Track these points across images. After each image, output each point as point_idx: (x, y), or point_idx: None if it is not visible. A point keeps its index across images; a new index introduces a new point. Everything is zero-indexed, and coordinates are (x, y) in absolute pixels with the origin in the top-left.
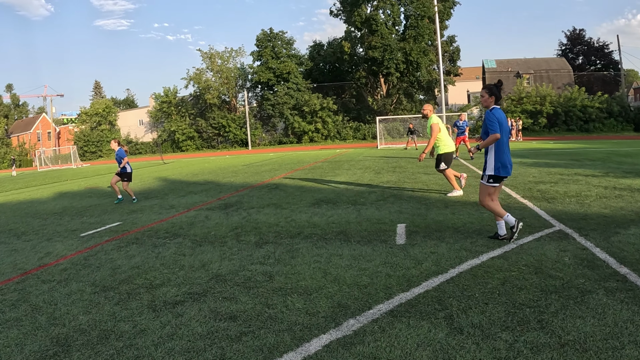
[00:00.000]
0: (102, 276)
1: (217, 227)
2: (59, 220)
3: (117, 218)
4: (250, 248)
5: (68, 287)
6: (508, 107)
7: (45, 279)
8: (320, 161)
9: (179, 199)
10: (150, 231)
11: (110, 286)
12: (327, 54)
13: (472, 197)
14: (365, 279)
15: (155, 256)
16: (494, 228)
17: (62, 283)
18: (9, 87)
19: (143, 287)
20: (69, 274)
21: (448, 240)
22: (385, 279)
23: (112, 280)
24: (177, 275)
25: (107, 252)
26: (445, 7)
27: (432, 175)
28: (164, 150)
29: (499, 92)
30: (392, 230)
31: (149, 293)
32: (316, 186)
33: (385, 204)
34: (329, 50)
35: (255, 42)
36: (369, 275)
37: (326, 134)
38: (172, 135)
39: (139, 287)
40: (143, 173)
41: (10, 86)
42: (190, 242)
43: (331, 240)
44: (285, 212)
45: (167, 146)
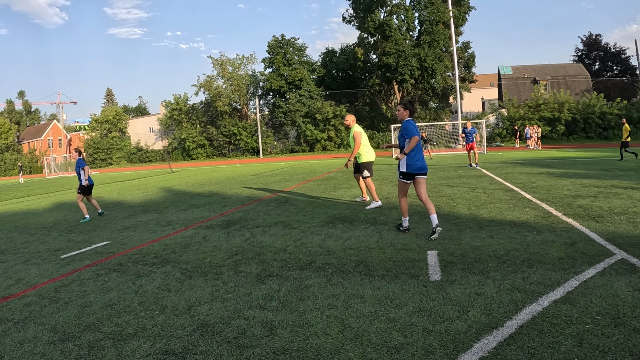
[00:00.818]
0: (66, 317)
1: (214, 252)
2: (45, 237)
3: (106, 236)
4: (250, 283)
5: (24, 331)
6: (525, 114)
7: (3, 317)
8: (333, 171)
9: (178, 214)
10: (138, 254)
11: (72, 334)
12: (339, 60)
13: (507, 216)
14: (396, 337)
15: (135, 291)
16: (544, 257)
17: (18, 325)
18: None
19: (111, 337)
20: (31, 311)
21: (493, 275)
22: (422, 337)
23: (77, 324)
24: (155, 322)
25: (82, 282)
26: (460, 12)
27: (456, 188)
28: (175, 158)
29: (412, 107)
30: (422, 259)
31: (115, 348)
32: (330, 200)
33: (410, 223)
34: (342, 57)
35: (267, 48)
36: (400, 329)
37: (339, 142)
38: (182, 143)
39: (106, 337)
40: (149, 182)
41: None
42: (179, 271)
43: (349, 274)
44: (294, 233)
45: (178, 154)
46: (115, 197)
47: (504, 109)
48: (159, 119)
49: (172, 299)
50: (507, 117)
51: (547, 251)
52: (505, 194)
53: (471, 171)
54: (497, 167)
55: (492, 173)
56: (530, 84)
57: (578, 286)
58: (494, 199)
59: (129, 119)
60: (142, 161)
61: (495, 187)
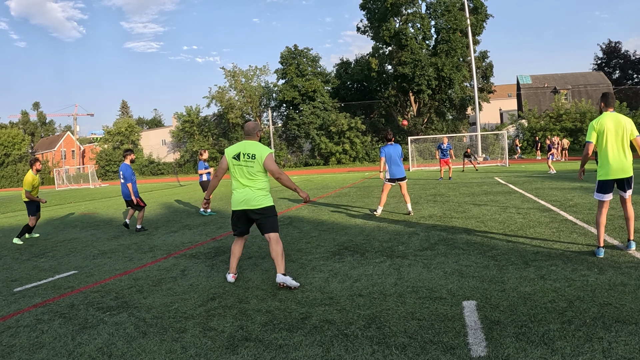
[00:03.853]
0: None
1: (186, 295)
2: (12, 261)
3: (76, 263)
4: (217, 351)
5: None
6: (546, 124)
7: None
8: (347, 186)
9: (166, 237)
10: (98, 292)
11: None
12: (354, 71)
13: (554, 246)
14: None
15: (69, 352)
16: (620, 312)
17: None
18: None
19: None
20: None
21: (561, 345)
22: None
23: None
24: None
25: (16, 332)
26: (477, 20)
27: (485, 207)
28: (186, 171)
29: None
30: (457, 315)
31: None
32: (340, 222)
33: (435, 255)
34: (357, 68)
35: (280, 59)
36: None
37: (354, 156)
38: (194, 155)
39: None
40: (152, 197)
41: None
42: (134, 324)
43: (356, 342)
44: (291, 269)
45: (190, 167)
46: (111, 214)
47: (524, 120)
48: (171, 131)
49: None
50: (527, 128)
51: (621, 301)
52: (543, 215)
53: (497, 187)
54: (524, 181)
55: (521, 188)
56: (550, 94)
57: None
58: (531, 221)
59: (142, 131)
60: (154, 174)
61: (529, 206)
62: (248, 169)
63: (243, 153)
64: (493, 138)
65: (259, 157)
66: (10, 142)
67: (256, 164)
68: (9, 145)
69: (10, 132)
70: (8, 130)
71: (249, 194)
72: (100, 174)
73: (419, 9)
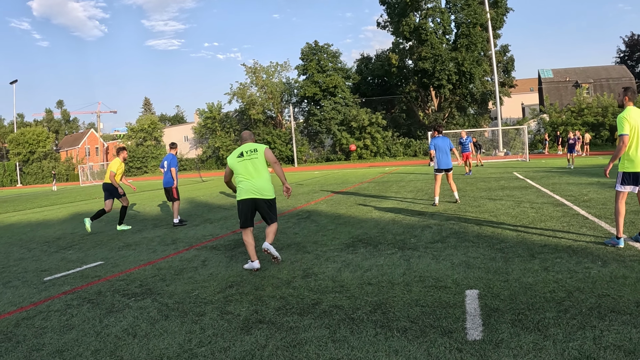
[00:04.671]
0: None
1: (206, 283)
2: (41, 254)
3: (102, 255)
4: (232, 332)
5: None
6: (568, 119)
7: None
8: (366, 181)
9: (187, 230)
10: (123, 281)
11: None
12: (374, 67)
13: (562, 239)
14: None
15: (97, 332)
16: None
17: None
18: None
19: None
20: None
21: (554, 332)
22: None
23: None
24: None
25: (48, 316)
26: (497, 13)
27: (499, 202)
28: (209, 166)
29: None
30: (458, 303)
31: None
32: (356, 216)
33: (445, 248)
34: (377, 64)
35: (300, 55)
36: None
37: (375, 151)
38: (216, 151)
39: None
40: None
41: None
42: (157, 308)
43: (361, 325)
44: (306, 260)
45: (212, 162)
46: (135, 208)
47: (545, 114)
48: (193, 128)
49: (133, 348)
50: (549, 122)
51: (619, 292)
52: (556, 210)
53: (514, 182)
54: (542, 176)
55: (538, 183)
56: (572, 88)
57: None
58: (543, 215)
59: (165, 128)
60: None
61: (544, 201)
62: (253, 161)
63: (245, 151)
64: (514, 133)
65: (260, 150)
66: (35, 140)
67: (259, 155)
68: (34, 143)
69: (35, 130)
70: (33, 129)
71: (259, 183)
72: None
73: (439, 4)
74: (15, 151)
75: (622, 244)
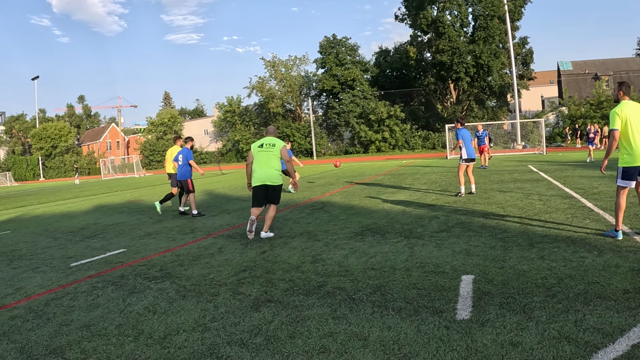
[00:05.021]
0: (40, 336)
1: (221, 267)
2: (66, 242)
3: (125, 243)
4: (243, 309)
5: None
6: (587, 112)
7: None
8: (382, 174)
9: (205, 220)
10: (144, 266)
11: (35, 356)
12: (393, 60)
13: (564, 230)
14: None
15: (120, 310)
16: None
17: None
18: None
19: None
20: (12, 325)
21: (538, 314)
22: None
23: (46, 346)
24: (122, 351)
25: (75, 297)
26: (515, 5)
27: (509, 194)
28: (229, 160)
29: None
30: (453, 287)
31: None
32: (368, 207)
33: (449, 237)
34: (395, 56)
35: (319, 49)
36: None
37: (394, 144)
38: (236, 144)
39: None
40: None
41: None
42: (175, 289)
43: (360, 304)
44: (316, 247)
45: (232, 156)
46: (155, 200)
47: (564, 107)
48: (213, 121)
49: (153, 323)
50: (567, 115)
51: (609, 280)
52: (563, 202)
53: (528, 174)
54: (556, 169)
55: (550, 176)
56: (591, 80)
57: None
58: (550, 207)
59: (185, 122)
60: (197, 162)
61: (553, 194)
62: (268, 154)
63: (266, 144)
64: (532, 126)
65: (277, 146)
66: (57, 135)
67: (275, 150)
68: (56, 138)
69: (57, 125)
70: (55, 123)
71: (269, 172)
72: (145, 164)
73: None
74: (37, 146)
75: (620, 236)
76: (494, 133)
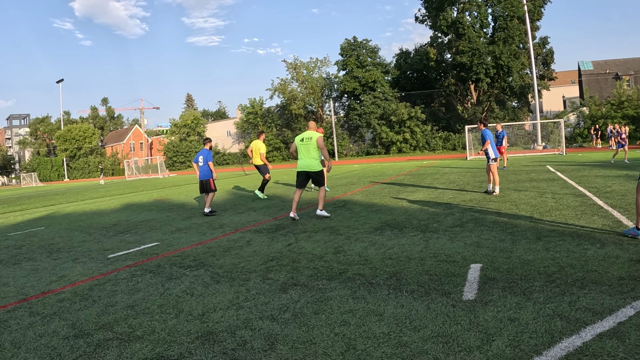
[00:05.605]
0: (88, 315)
1: (250, 257)
2: (101, 237)
3: (157, 237)
4: (272, 292)
5: (47, 325)
6: (608, 112)
7: (35, 310)
8: (403, 174)
9: (233, 217)
10: (178, 257)
11: (86, 331)
12: (413, 61)
13: (571, 225)
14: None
15: (160, 293)
16: (601, 277)
17: (45, 319)
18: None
19: (119, 338)
20: (61, 307)
21: (536, 296)
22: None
23: (95, 323)
24: (165, 326)
25: (116, 283)
26: (535, 5)
27: (524, 193)
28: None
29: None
30: (462, 273)
31: (118, 348)
32: (388, 205)
33: (462, 231)
34: (416, 58)
35: (340, 51)
36: (407, 357)
37: (415, 145)
38: None
39: (115, 337)
40: (219, 184)
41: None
42: (209, 276)
43: (377, 287)
44: (338, 240)
45: None
46: (182, 199)
47: (585, 107)
48: (236, 123)
49: (191, 303)
50: (588, 115)
51: (607, 269)
52: (575, 200)
53: (544, 174)
54: (573, 169)
55: (566, 176)
56: (612, 80)
57: (633, 315)
58: (561, 205)
59: (207, 123)
60: (220, 164)
61: (566, 192)
62: (306, 145)
63: (305, 138)
64: (552, 126)
65: (314, 138)
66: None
67: (313, 142)
68: (80, 139)
69: (81, 126)
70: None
71: (309, 161)
72: (168, 165)
73: None
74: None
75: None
76: (515, 134)
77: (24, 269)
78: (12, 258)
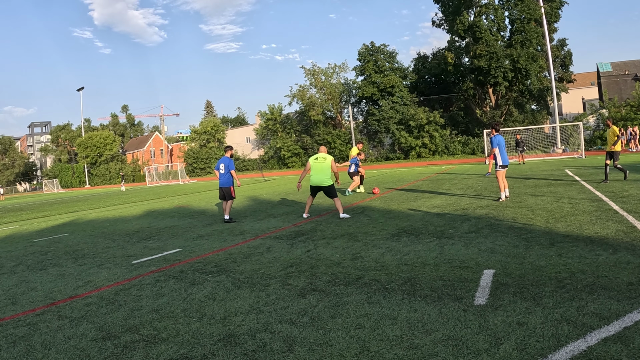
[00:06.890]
0: (115, 319)
1: (270, 264)
2: (124, 243)
3: (180, 244)
4: (291, 297)
5: (75, 328)
6: (627, 114)
7: (63, 314)
8: (421, 179)
9: (253, 224)
10: (200, 263)
11: (113, 333)
12: (431, 65)
13: (585, 231)
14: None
15: (184, 298)
16: (611, 282)
17: (74, 322)
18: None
19: (145, 340)
20: (88, 311)
21: (546, 301)
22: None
23: (122, 325)
24: (189, 329)
25: (141, 288)
26: (552, 7)
27: (540, 198)
28: (271, 167)
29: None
30: (475, 279)
31: (144, 350)
32: (405, 211)
33: (477, 237)
34: (434, 62)
35: (358, 56)
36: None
37: (434, 149)
38: (278, 152)
39: (141, 339)
40: (239, 191)
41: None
42: (231, 281)
43: (392, 292)
44: (356, 246)
45: (274, 163)
46: (203, 206)
47: (604, 110)
48: (255, 129)
49: (213, 307)
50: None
51: (617, 275)
52: (591, 205)
53: (562, 178)
54: (591, 173)
55: (585, 180)
56: (631, 81)
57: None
58: (577, 210)
59: (227, 130)
60: (239, 170)
61: (583, 197)
62: (321, 164)
63: (320, 157)
64: (572, 129)
65: (328, 159)
66: (102, 143)
67: (327, 163)
68: (101, 146)
69: (102, 134)
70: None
71: (321, 177)
72: (189, 171)
73: (492, 1)
74: (83, 154)
75: None
76: (534, 137)
77: (51, 274)
78: (39, 264)
